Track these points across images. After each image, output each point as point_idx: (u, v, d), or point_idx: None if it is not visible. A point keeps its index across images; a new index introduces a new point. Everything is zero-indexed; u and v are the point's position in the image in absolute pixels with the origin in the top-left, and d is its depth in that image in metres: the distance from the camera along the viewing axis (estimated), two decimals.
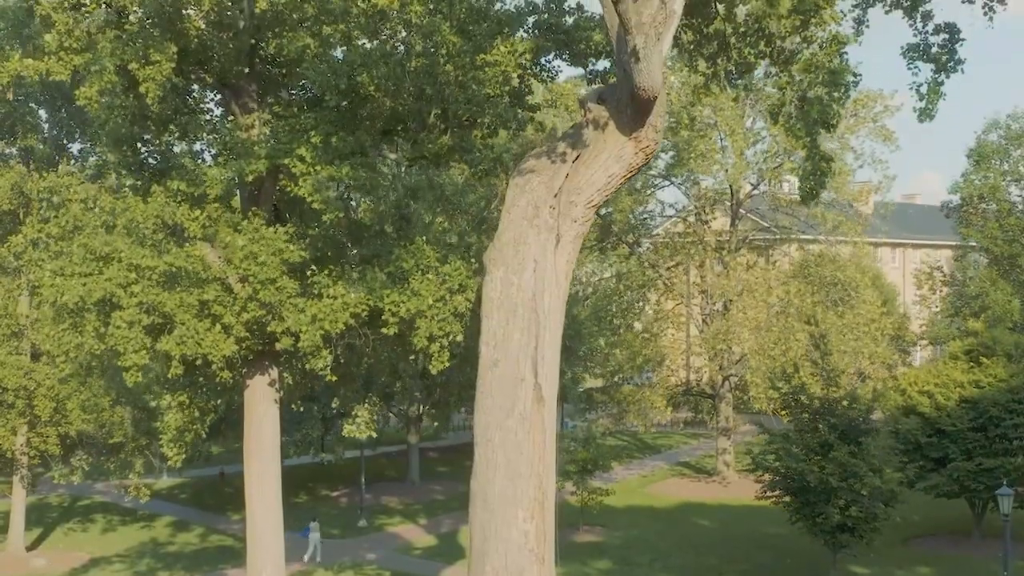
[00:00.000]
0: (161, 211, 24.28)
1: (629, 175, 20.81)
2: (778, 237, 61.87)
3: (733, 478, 56.91)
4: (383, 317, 24.19)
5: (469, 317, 23.94)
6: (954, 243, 70.46)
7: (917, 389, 41.29)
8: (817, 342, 39.90)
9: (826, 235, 58.83)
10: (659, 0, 17.94)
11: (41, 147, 41.82)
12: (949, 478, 39.52)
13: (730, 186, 56.52)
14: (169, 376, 24.75)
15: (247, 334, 25.14)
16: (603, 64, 27.67)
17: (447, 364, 24.38)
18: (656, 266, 59.23)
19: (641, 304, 61.37)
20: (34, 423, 42.55)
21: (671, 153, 56.63)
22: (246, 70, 26.48)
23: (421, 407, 58.53)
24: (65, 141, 43.85)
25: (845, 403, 35.78)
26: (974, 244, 56.72)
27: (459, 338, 24.34)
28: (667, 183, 59.48)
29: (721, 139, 55.76)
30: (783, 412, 37.83)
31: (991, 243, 53.18)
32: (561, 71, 32.65)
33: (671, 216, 61.98)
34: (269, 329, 24.92)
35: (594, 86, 21.73)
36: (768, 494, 37.39)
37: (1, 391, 41.06)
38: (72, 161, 42.74)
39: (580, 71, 27.61)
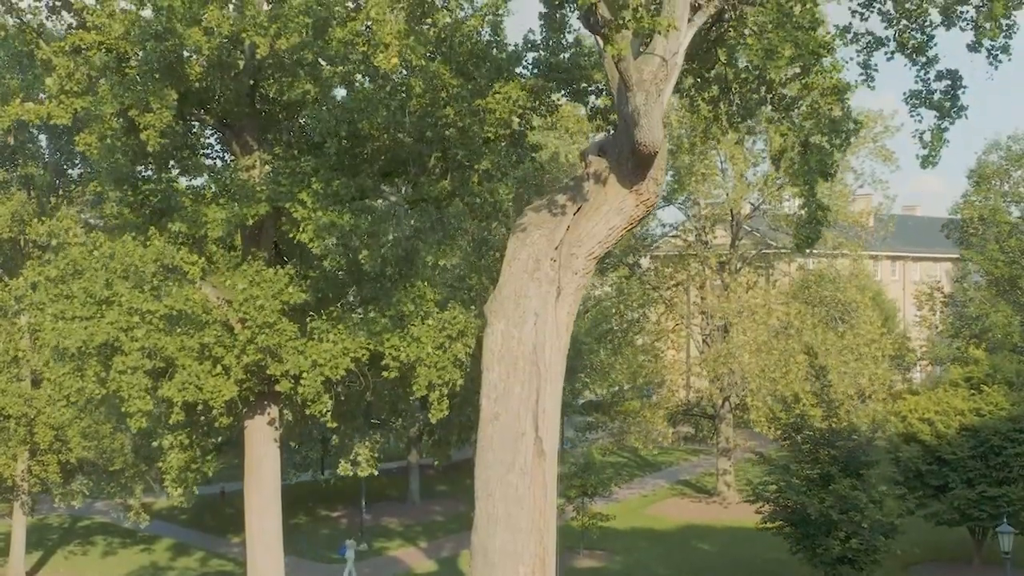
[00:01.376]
0: (161, 255, 24.25)
1: (630, 227, 20.84)
2: (778, 250, 61.68)
3: (734, 499, 56.86)
4: (383, 361, 24.19)
5: (470, 362, 23.95)
6: (954, 256, 70.43)
7: (917, 416, 41.25)
8: (817, 373, 39.83)
9: (826, 253, 58.86)
10: (660, 58, 17.91)
11: (41, 173, 41.80)
12: (950, 506, 39.50)
13: (731, 209, 56.51)
14: (171, 422, 24.72)
15: (246, 376, 25.15)
16: (604, 102, 27.69)
17: (446, 413, 24.38)
18: (657, 287, 59.21)
19: (641, 323, 61.37)
20: (35, 450, 42.53)
21: (671, 174, 56.63)
22: (246, 110, 26.44)
23: (421, 427, 58.46)
24: (66, 167, 43.85)
25: (846, 434, 35.78)
26: (974, 265, 56.69)
27: (459, 385, 24.32)
28: (667, 204, 59.46)
29: (721, 161, 55.79)
30: (785, 442, 37.78)
31: (992, 265, 53.14)
32: (562, 104, 32.49)
33: (672, 235, 61.93)
34: (268, 372, 24.91)
35: (597, 137, 21.68)
36: (768, 525, 37.39)
37: (2, 419, 41.03)
38: (73, 185, 42.79)
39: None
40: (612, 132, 21.43)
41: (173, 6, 21.87)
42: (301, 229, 23.74)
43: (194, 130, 27.64)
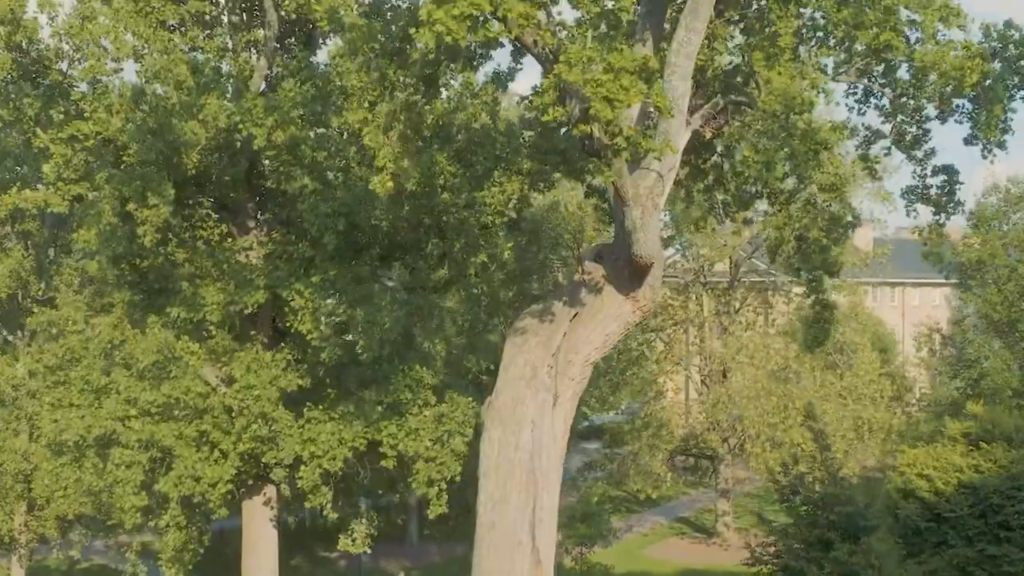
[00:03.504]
0: (161, 346, 24.27)
1: (626, 332, 20.86)
2: (775, 279, 61.36)
3: (733, 540, 56.70)
4: (381, 449, 24.19)
5: (468, 451, 23.95)
6: (954, 281, 70.22)
7: (916, 472, 41.10)
8: (816, 435, 39.80)
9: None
10: (656, 174, 17.88)
11: (39, 228, 41.64)
12: (949, 563, 39.32)
13: (729, 257, 56.47)
14: (167, 516, 24.71)
15: (243, 462, 25.14)
16: (602, 181, 27.66)
17: (445, 509, 24.37)
18: (657, 330, 59.13)
19: (640, 362, 61.24)
20: (32, 505, 42.35)
21: (667, 215, 56.55)
22: (244, 193, 26.47)
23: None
24: (64, 219, 43.66)
25: (844, 499, 35.70)
26: (972, 307, 56.67)
27: (458, 477, 24.31)
28: (664, 247, 59.37)
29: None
30: (783, 506, 37.71)
31: (991, 309, 53.07)
32: (559, 182, 32.59)
33: (670, 275, 61.83)
34: (264, 460, 24.91)
35: (594, 245, 21.72)
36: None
37: None
38: (71, 238, 42.59)
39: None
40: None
41: (168, 105, 21.92)
42: (299, 319, 23.76)
43: (190, 210, 27.59)
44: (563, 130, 27.60)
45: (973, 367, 52.96)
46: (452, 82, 22.78)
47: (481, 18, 13.85)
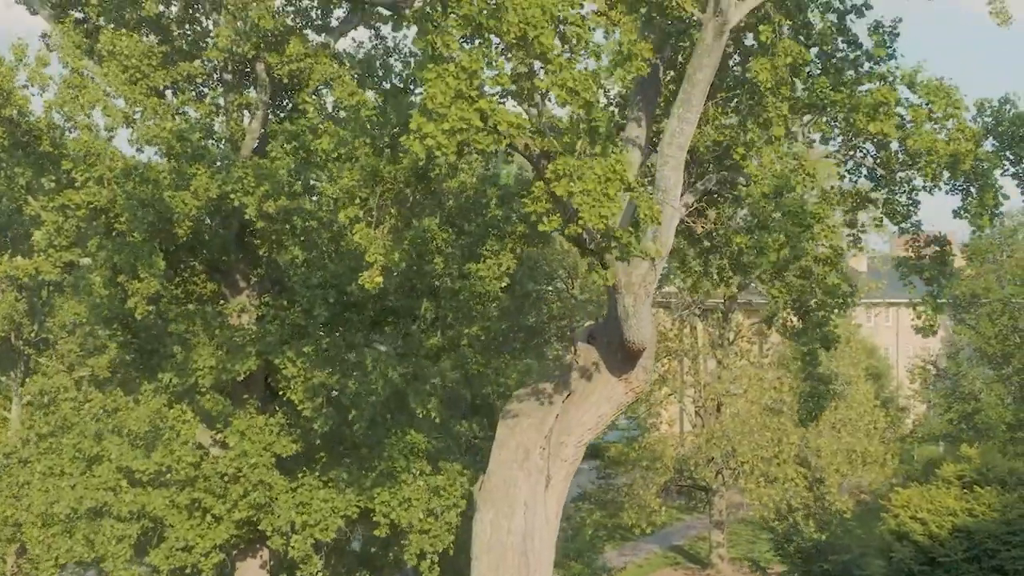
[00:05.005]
0: (153, 416, 24.20)
1: (619, 412, 20.86)
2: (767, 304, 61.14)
3: (727, 572, 56.67)
4: (374, 517, 24.10)
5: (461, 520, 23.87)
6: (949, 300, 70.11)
7: (909, 515, 41.20)
8: (811, 484, 39.81)
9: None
10: (648, 263, 17.83)
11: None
12: None
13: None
14: None
15: (238, 527, 25.03)
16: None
17: None
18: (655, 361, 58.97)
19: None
20: (23, 551, 42.08)
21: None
22: (235, 255, 26.37)
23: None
24: None
25: (838, 548, 35.75)
26: (967, 340, 56.64)
27: (451, 547, 24.24)
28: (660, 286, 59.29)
29: None
30: (777, 555, 37.72)
31: (985, 343, 53.13)
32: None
33: (664, 302, 61.74)
34: (261, 527, 24.81)
35: (587, 325, 21.68)
36: None
37: None
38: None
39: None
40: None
41: (159, 178, 21.89)
42: (291, 388, 23.69)
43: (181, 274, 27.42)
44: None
45: (967, 402, 52.95)
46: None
47: (472, 131, 13.80)
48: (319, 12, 25.92)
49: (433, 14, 15.18)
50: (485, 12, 13.99)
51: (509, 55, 14.92)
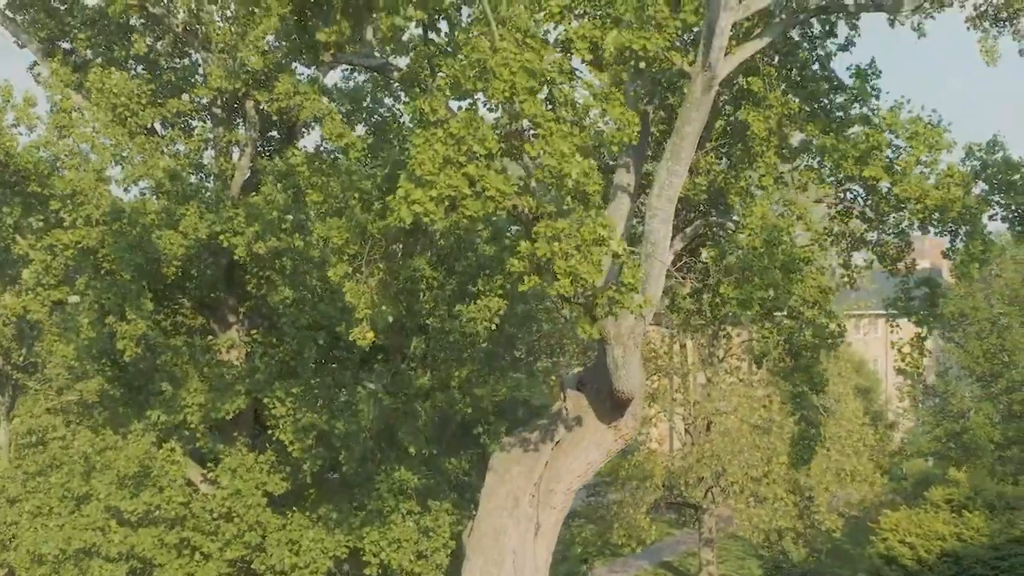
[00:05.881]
0: (142, 457, 24.10)
1: (608, 459, 20.85)
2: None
3: None
4: (364, 557, 24.04)
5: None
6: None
7: (898, 538, 41.22)
8: (801, 512, 39.81)
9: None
10: (637, 314, 17.81)
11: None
12: None
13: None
14: None
15: (231, 568, 24.94)
16: None
17: None
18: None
19: None
20: None
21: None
22: (224, 292, 26.30)
23: None
24: None
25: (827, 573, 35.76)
26: (956, 359, 56.62)
27: None
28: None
29: None
30: None
31: (974, 362, 53.16)
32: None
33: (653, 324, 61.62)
34: (254, 566, 24.73)
35: (576, 372, 21.64)
36: None
37: None
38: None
39: None
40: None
41: (147, 221, 21.82)
42: (280, 427, 23.63)
43: (170, 310, 27.33)
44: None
45: (956, 420, 53.02)
46: None
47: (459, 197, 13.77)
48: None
49: (421, 73, 15.16)
50: (472, 76, 13.95)
51: (498, 114, 14.92)
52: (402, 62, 15.58)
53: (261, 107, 25.14)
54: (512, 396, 27.28)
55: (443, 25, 15.44)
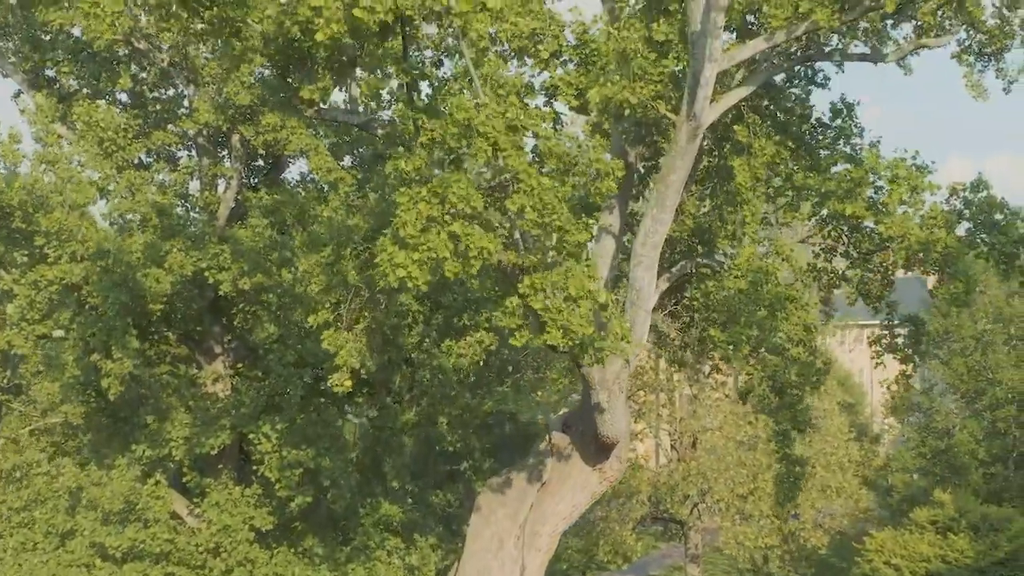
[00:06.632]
0: (127, 493, 24.06)
1: (593, 501, 20.90)
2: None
3: None
4: None
5: None
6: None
7: (883, 559, 41.33)
8: (786, 537, 39.92)
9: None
10: (623, 360, 17.87)
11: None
12: None
13: None
14: None
15: None
16: None
17: None
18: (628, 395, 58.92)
19: None
20: None
21: None
22: (209, 326, 26.27)
23: None
24: None
25: None
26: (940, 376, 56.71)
27: None
28: None
29: None
30: None
31: (958, 380, 53.26)
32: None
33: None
34: None
35: (561, 413, 21.70)
36: None
37: None
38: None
39: None
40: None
41: (132, 260, 21.81)
42: (266, 464, 23.61)
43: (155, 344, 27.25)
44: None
45: (940, 438, 53.16)
46: None
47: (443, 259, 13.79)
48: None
49: (406, 129, 15.16)
50: (455, 134, 13.97)
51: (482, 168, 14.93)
52: (386, 114, 15.65)
53: (247, 140, 25.12)
54: (498, 410, 27.31)
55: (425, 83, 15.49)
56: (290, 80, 14.90)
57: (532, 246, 15.28)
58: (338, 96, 15.96)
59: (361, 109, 15.69)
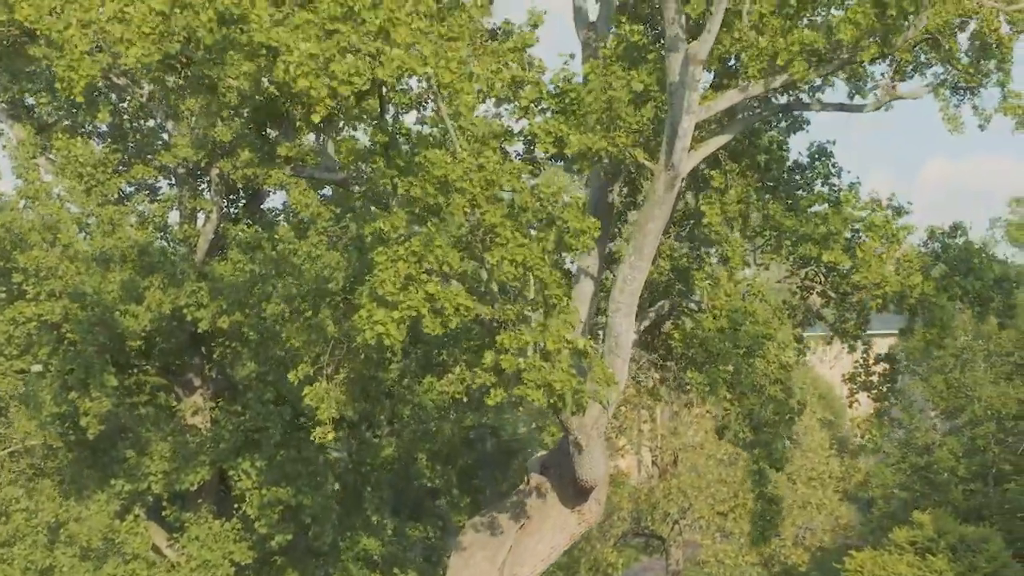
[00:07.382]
0: (106, 529, 24.02)
1: (572, 542, 20.94)
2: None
3: None
4: None
5: None
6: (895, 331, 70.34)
7: None
8: (767, 561, 40.05)
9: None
10: (600, 406, 17.93)
11: None
12: None
13: None
14: None
15: None
16: None
17: None
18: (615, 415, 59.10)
19: None
20: None
21: None
22: (188, 358, 26.25)
23: None
24: None
25: None
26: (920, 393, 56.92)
27: None
28: None
29: None
30: None
31: (938, 398, 53.45)
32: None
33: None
34: None
35: (540, 455, 21.68)
36: None
37: None
38: None
39: None
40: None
41: (109, 301, 21.81)
42: (247, 502, 23.59)
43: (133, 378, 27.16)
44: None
45: (921, 455, 53.38)
46: None
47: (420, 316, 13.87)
48: None
49: (384, 186, 15.18)
50: (433, 192, 14.03)
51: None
52: (364, 167, 15.65)
53: (226, 174, 25.11)
54: (480, 425, 27.32)
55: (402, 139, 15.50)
56: (266, 135, 14.93)
57: (511, 298, 15.34)
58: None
59: (338, 167, 15.69)
